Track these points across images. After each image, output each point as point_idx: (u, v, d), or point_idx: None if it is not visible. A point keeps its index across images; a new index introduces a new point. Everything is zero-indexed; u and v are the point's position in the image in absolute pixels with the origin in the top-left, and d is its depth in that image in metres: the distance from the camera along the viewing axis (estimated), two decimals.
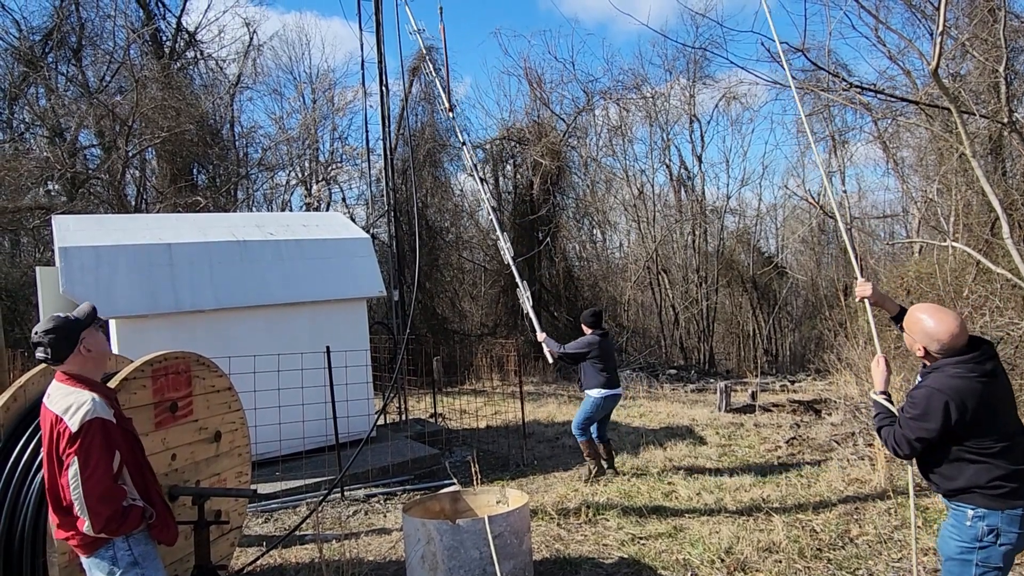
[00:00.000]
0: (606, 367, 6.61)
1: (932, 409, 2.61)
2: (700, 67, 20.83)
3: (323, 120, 20.35)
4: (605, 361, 6.61)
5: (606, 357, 6.64)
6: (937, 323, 2.69)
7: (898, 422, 2.76)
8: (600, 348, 6.60)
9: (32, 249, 16.12)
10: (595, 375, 6.60)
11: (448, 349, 16.66)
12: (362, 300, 7.94)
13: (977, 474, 2.61)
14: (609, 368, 6.64)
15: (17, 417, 3.43)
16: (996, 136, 9.93)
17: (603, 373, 6.58)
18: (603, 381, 6.57)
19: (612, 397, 6.67)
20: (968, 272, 8.67)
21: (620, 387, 6.81)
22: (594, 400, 6.61)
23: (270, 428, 6.51)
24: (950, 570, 2.72)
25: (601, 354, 6.60)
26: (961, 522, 2.66)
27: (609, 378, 6.60)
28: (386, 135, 10.42)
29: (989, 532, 2.59)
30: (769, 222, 24.27)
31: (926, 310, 2.78)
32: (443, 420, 10.20)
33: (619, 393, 6.76)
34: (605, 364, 6.61)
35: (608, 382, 6.59)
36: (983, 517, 2.59)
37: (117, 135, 14.98)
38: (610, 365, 6.67)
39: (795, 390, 13.09)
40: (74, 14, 17.18)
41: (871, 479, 6.27)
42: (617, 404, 7.04)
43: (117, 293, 6.42)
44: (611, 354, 6.78)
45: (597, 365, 6.59)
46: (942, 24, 4.86)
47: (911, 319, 2.81)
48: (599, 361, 6.58)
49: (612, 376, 6.64)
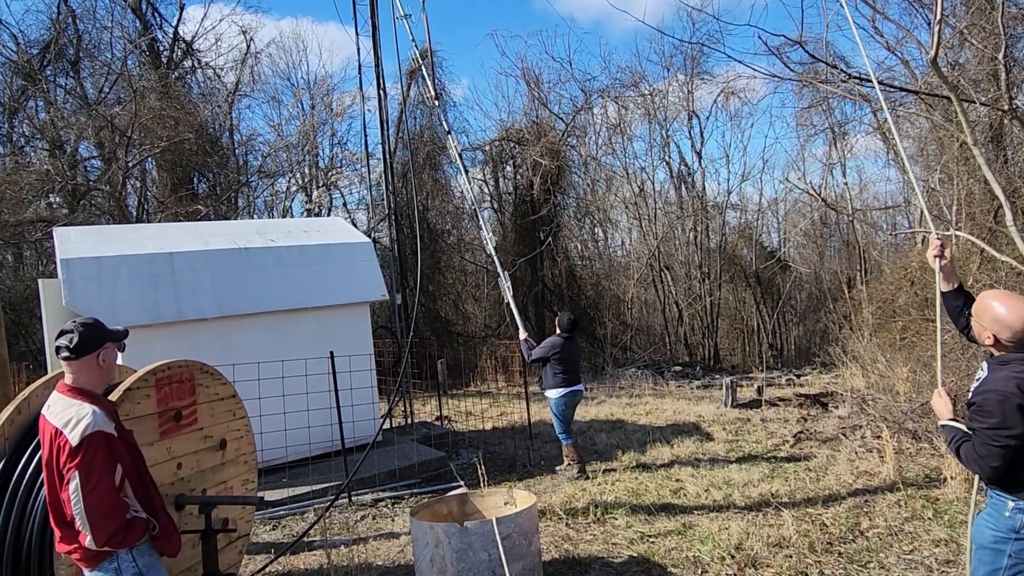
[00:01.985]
0: (565, 369, 6.94)
1: (1008, 414, 2.45)
2: (698, 63, 20.81)
3: (322, 126, 20.35)
4: (565, 363, 6.95)
5: (566, 359, 6.96)
6: (1009, 309, 2.53)
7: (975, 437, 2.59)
8: (563, 350, 6.94)
9: (35, 262, 16.15)
10: (551, 376, 6.98)
11: (452, 351, 16.65)
12: (365, 304, 7.93)
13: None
14: (568, 370, 6.96)
15: (21, 430, 3.42)
16: (997, 124, 9.89)
17: (560, 375, 6.94)
18: (559, 381, 6.95)
19: (571, 394, 7.00)
20: (972, 260, 8.64)
21: (579, 385, 7.12)
22: (555, 401, 7.00)
23: (276, 435, 6.50)
24: (982, 559, 2.65)
25: (562, 356, 6.94)
26: (1000, 511, 2.57)
27: (566, 378, 6.95)
28: (385, 139, 10.41)
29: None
30: (771, 216, 24.23)
31: (997, 296, 2.63)
32: (449, 423, 10.18)
33: (578, 390, 7.08)
34: (564, 366, 6.94)
35: (564, 382, 6.94)
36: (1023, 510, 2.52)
37: (117, 146, 15.01)
38: (570, 368, 6.99)
39: (801, 384, 13.04)
40: (71, 27, 17.23)
41: (880, 471, 6.24)
42: (579, 400, 7.28)
43: (120, 303, 6.42)
44: (573, 357, 7.05)
45: (556, 367, 6.95)
46: (939, 12, 4.84)
47: (980, 305, 2.65)
48: (559, 364, 6.93)
49: (570, 376, 6.97)
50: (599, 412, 10.64)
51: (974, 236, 7.34)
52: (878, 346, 10.28)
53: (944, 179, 10.39)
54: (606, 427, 9.32)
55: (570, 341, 7.02)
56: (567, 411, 7.05)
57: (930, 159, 12.14)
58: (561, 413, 7.00)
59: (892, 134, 8.32)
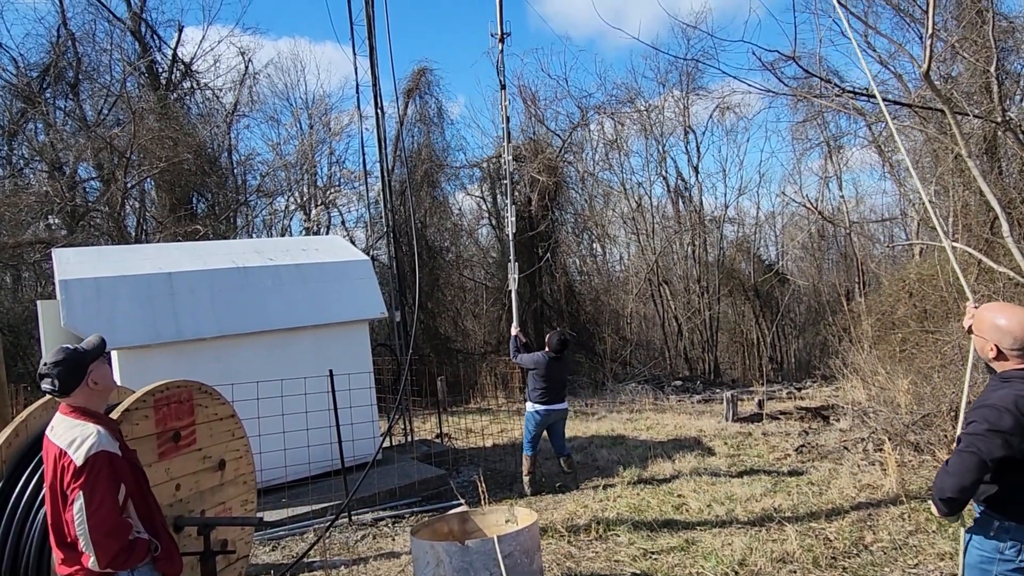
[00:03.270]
0: (548, 386, 6.98)
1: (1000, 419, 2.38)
2: (693, 79, 20.98)
3: (320, 145, 20.47)
4: (547, 381, 6.99)
5: (549, 378, 7.00)
6: (1010, 318, 2.51)
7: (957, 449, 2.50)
8: (546, 368, 6.98)
9: (33, 283, 16.14)
10: (533, 389, 7.05)
11: (452, 368, 16.61)
12: (364, 322, 7.92)
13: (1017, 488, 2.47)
14: (549, 389, 7.00)
15: (19, 452, 3.40)
16: (991, 136, 9.96)
17: (540, 391, 6.99)
18: (538, 396, 7.00)
19: (549, 412, 7.03)
20: (970, 272, 8.65)
21: (561, 404, 7.14)
22: (529, 414, 7.09)
23: (275, 454, 6.47)
24: None
25: (545, 373, 6.98)
26: (986, 531, 2.54)
27: (546, 396, 6.99)
28: (383, 157, 10.47)
29: (1012, 547, 2.47)
30: (768, 230, 24.30)
31: (995, 307, 2.61)
32: (449, 440, 10.14)
33: (557, 408, 7.09)
34: (547, 384, 6.98)
35: (544, 399, 6.99)
36: (1008, 531, 2.48)
37: (116, 167, 15.07)
38: (552, 385, 7.02)
39: (802, 397, 13.01)
40: (71, 49, 17.37)
41: (883, 484, 6.21)
42: (562, 419, 7.27)
43: (118, 324, 6.41)
44: (556, 376, 7.06)
45: (538, 382, 7.01)
46: (931, 27, 4.89)
47: (979, 318, 2.62)
48: (541, 380, 6.99)
49: (551, 395, 7.01)
50: (600, 428, 10.60)
51: (971, 247, 7.37)
52: (878, 358, 10.28)
53: (940, 191, 10.45)
54: (607, 442, 9.28)
55: (556, 361, 7.02)
56: (538, 427, 7.09)
57: (925, 171, 12.21)
58: (533, 426, 7.08)
59: (896, 143, 8.36)
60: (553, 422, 7.14)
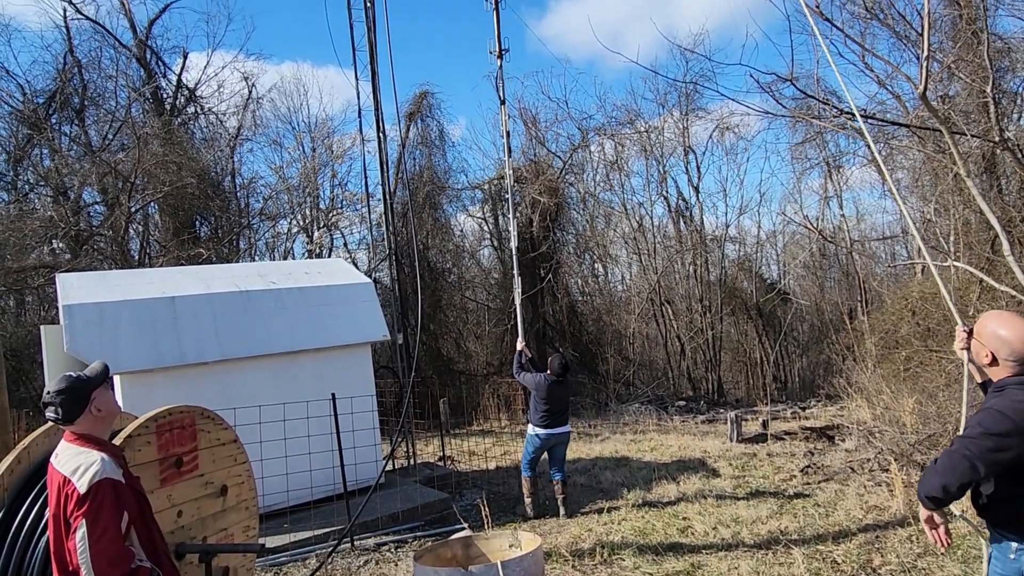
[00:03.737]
0: (549, 409, 6.92)
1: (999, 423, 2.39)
2: (692, 100, 21.14)
3: (323, 167, 20.62)
4: (548, 403, 6.93)
5: (551, 400, 6.93)
6: (1011, 329, 2.54)
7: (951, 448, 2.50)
8: (547, 391, 6.92)
9: (37, 307, 16.19)
10: (535, 412, 7.00)
11: (454, 390, 16.57)
12: (366, 345, 7.92)
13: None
14: (551, 411, 6.93)
15: (22, 479, 3.39)
16: (989, 154, 10.02)
17: (541, 413, 6.93)
18: (539, 419, 6.94)
19: (550, 436, 6.95)
20: (972, 290, 8.66)
21: (563, 427, 7.05)
22: (529, 436, 7.04)
23: (277, 479, 6.44)
24: None
25: (546, 396, 6.92)
26: (1005, 554, 2.51)
27: (547, 419, 6.91)
28: (385, 180, 10.54)
29: None
30: (769, 249, 24.33)
31: (997, 315, 2.64)
32: (452, 463, 10.07)
33: (558, 432, 7.01)
34: (548, 407, 6.93)
35: (545, 422, 6.92)
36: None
37: (120, 191, 15.18)
38: (553, 408, 6.95)
39: (806, 417, 12.93)
40: (77, 76, 17.60)
41: (890, 506, 6.16)
42: (564, 443, 7.18)
43: (121, 349, 6.41)
44: (557, 399, 6.99)
45: (539, 404, 6.95)
46: (926, 49, 4.95)
47: (980, 325, 2.66)
48: (543, 403, 6.93)
49: (553, 418, 6.93)
50: (603, 449, 10.53)
51: (972, 266, 7.37)
52: (882, 377, 10.23)
53: (940, 209, 10.48)
54: (611, 464, 9.22)
55: (557, 385, 6.95)
56: (538, 450, 7.02)
57: (925, 190, 12.26)
58: (532, 449, 7.02)
59: (883, 173, 8.41)
60: (553, 445, 7.07)
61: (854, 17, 8.18)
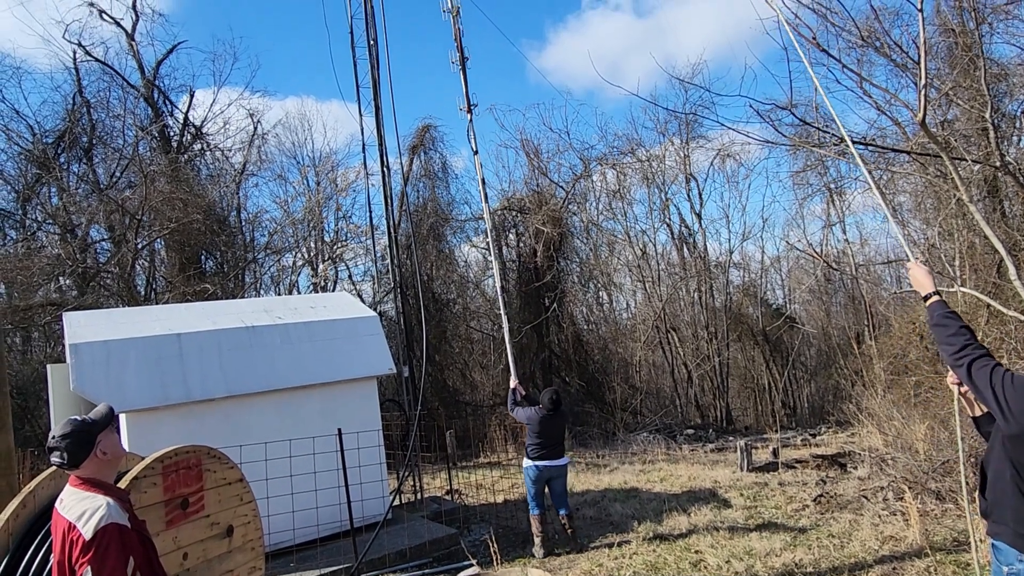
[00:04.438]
0: (542, 442, 6.93)
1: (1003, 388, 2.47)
2: (692, 128, 21.30)
3: (327, 201, 20.78)
4: (541, 436, 6.93)
5: (544, 433, 6.94)
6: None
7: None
8: (539, 424, 6.92)
9: (43, 344, 16.22)
10: (530, 445, 7.01)
11: (461, 421, 16.45)
12: (372, 379, 7.90)
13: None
14: (545, 444, 6.93)
15: (27, 523, 3.36)
16: (991, 178, 10.03)
17: (535, 446, 6.94)
18: (532, 452, 6.95)
19: (546, 468, 6.93)
20: (980, 315, 8.60)
21: (558, 460, 7.02)
22: (526, 470, 7.02)
23: (283, 517, 6.37)
24: None
25: (539, 430, 6.93)
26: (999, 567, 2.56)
27: (541, 452, 6.92)
28: (389, 212, 10.61)
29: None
30: (774, 274, 24.31)
31: None
32: (459, 497, 9.96)
33: (555, 464, 6.98)
34: (542, 440, 6.93)
35: (538, 454, 6.92)
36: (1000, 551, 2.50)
37: (127, 228, 15.32)
38: (547, 441, 6.95)
39: (817, 444, 12.78)
40: (85, 116, 17.89)
41: (906, 536, 6.05)
42: (561, 476, 7.10)
43: (127, 387, 6.41)
44: (551, 432, 6.99)
45: (533, 438, 6.96)
46: (924, 77, 4.99)
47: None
48: (536, 436, 6.94)
49: (547, 451, 6.93)
50: (612, 480, 10.41)
51: (979, 290, 7.34)
52: (892, 403, 10.12)
53: (944, 233, 10.47)
54: (620, 496, 9.10)
55: (551, 418, 6.94)
56: (537, 484, 6.96)
57: (928, 214, 12.27)
58: (531, 483, 6.97)
59: (884, 200, 8.43)
60: (551, 478, 6.99)
61: (851, 46, 8.28)
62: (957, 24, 9.56)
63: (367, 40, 10.04)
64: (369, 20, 10.06)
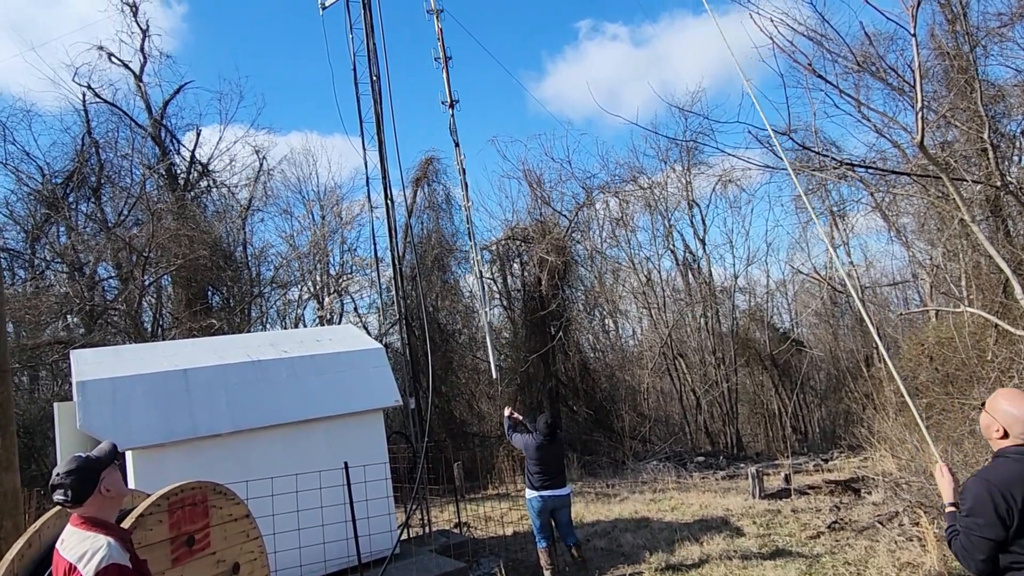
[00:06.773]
0: (541, 470, 6.83)
1: (978, 501, 2.54)
2: (693, 155, 21.46)
3: (332, 234, 20.93)
4: (540, 464, 6.84)
5: (542, 461, 6.85)
6: (1021, 408, 2.67)
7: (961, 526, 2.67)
8: (536, 451, 6.84)
9: (50, 383, 16.23)
10: (529, 475, 6.92)
11: (468, 452, 16.31)
12: (379, 411, 7.86)
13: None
14: (545, 472, 6.83)
15: (32, 564, 3.34)
16: (993, 197, 10.05)
17: (535, 475, 6.84)
18: (533, 482, 6.86)
19: (548, 498, 6.80)
20: (989, 334, 8.54)
21: (561, 490, 6.89)
22: (528, 501, 6.90)
23: (290, 553, 6.29)
24: None
25: (537, 457, 6.84)
26: None
27: (541, 480, 6.81)
28: (393, 245, 10.68)
29: None
30: (780, 297, 24.23)
31: (1008, 394, 2.78)
32: (468, 530, 9.83)
33: (557, 495, 6.85)
34: (540, 468, 6.84)
35: (539, 484, 6.81)
36: None
37: (134, 266, 15.45)
38: (546, 469, 6.84)
39: (829, 469, 12.61)
40: (94, 156, 18.18)
41: (923, 562, 5.94)
42: (565, 506, 6.98)
43: (134, 423, 6.39)
44: (549, 459, 6.89)
45: (532, 467, 6.87)
46: (920, 100, 5.05)
47: (994, 402, 2.79)
48: (535, 464, 6.85)
49: (547, 479, 6.82)
50: (623, 510, 10.27)
51: (985, 310, 7.30)
52: (904, 425, 10.00)
53: (948, 253, 10.46)
54: (631, 526, 8.97)
55: (548, 445, 6.86)
56: (541, 514, 6.84)
57: (932, 234, 12.27)
58: (535, 515, 6.86)
59: (888, 220, 8.44)
60: (555, 508, 6.87)
61: (847, 71, 8.38)
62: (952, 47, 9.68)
63: (370, 76, 10.21)
64: (371, 57, 10.25)
